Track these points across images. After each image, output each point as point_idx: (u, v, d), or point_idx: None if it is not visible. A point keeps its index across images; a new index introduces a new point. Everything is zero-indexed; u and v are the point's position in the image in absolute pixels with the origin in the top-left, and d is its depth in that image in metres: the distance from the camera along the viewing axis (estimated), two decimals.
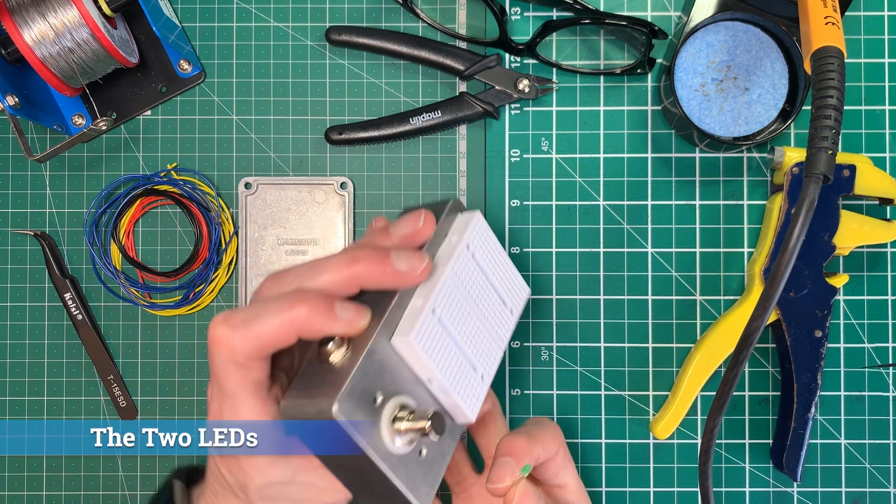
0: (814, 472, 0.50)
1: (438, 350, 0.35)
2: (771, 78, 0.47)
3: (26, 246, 0.51)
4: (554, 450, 0.42)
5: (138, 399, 0.51)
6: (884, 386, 0.50)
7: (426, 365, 0.35)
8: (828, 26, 0.39)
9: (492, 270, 0.40)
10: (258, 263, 0.51)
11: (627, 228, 0.51)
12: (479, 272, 0.39)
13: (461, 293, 0.37)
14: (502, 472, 0.40)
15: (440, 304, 0.36)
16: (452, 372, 0.36)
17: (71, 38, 0.44)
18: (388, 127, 0.50)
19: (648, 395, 0.51)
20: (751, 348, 0.38)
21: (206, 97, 0.51)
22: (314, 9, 0.51)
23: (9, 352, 0.51)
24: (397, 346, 0.34)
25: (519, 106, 0.51)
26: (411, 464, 0.34)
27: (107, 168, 0.51)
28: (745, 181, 0.50)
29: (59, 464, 0.51)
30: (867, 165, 0.47)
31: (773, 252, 0.48)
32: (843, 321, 0.50)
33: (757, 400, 0.51)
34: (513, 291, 0.41)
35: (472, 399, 0.37)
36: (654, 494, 0.50)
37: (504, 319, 0.40)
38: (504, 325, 0.40)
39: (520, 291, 0.42)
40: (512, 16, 0.51)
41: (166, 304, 0.51)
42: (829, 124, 0.37)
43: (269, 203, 0.51)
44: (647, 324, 0.51)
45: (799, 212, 0.37)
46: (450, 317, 0.36)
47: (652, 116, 0.51)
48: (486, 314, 0.39)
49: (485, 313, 0.39)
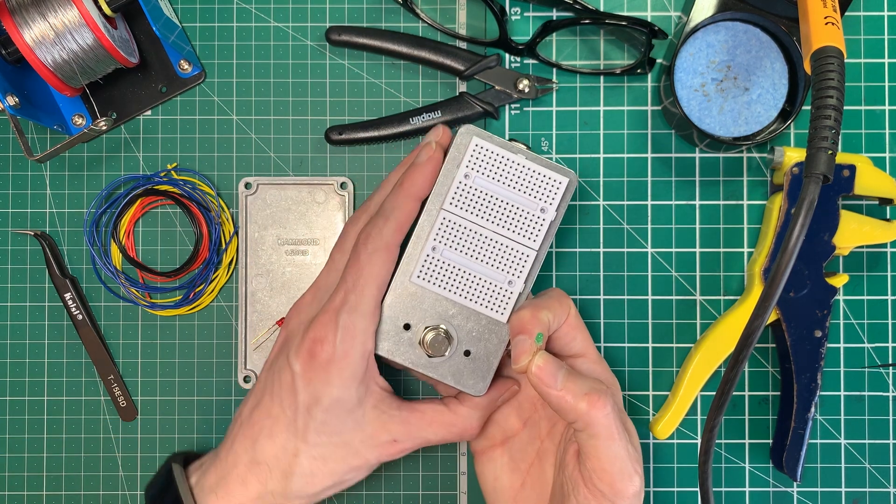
0: (814, 472, 0.50)
1: (448, 277, 0.42)
2: (771, 78, 0.47)
3: (26, 246, 0.51)
4: (563, 314, 0.42)
5: (138, 399, 0.51)
6: (884, 386, 0.50)
7: (437, 292, 0.42)
8: (828, 26, 0.39)
9: (503, 183, 0.42)
10: (258, 263, 0.51)
11: (627, 228, 0.51)
12: (485, 192, 0.42)
13: (468, 219, 0.42)
14: (518, 349, 0.40)
15: (442, 239, 0.42)
16: (472, 290, 0.42)
17: (71, 39, 0.44)
18: (388, 127, 0.50)
19: (648, 395, 0.51)
20: (751, 348, 0.38)
21: (206, 97, 0.51)
22: (314, 9, 0.51)
23: (9, 352, 0.51)
24: (411, 283, 0.42)
25: (519, 106, 0.51)
26: (457, 363, 0.43)
27: (107, 168, 0.51)
28: (745, 181, 0.50)
29: (59, 464, 0.51)
30: (867, 165, 0.47)
31: (773, 252, 0.48)
32: (843, 321, 0.50)
33: (757, 400, 0.51)
34: (539, 190, 0.42)
35: (500, 306, 0.43)
36: (654, 494, 0.50)
37: (531, 223, 0.42)
38: (532, 229, 0.42)
39: (551, 186, 0.42)
40: (512, 16, 0.51)
41: (166, 304, 0.51)
42: (829, 124, 0.37)
43: (269, 203, 0.51)
44: (647, 324, 0.51)
45: (799, 212, 0.37)
46: (456, 246, 0.42)
47: (652, 116, 0.51)
48: (506, 227, 0.42)
49: (503, 226, 0.42)
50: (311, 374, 0.41)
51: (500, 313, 0.43)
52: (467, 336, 0.43)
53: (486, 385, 0.43)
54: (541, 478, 0.44)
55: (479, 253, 0.42)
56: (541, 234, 0.42)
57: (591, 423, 0.39)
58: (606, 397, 0.39)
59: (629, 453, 0.40)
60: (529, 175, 0.42)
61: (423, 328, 0.43)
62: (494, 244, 0.42)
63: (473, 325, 0.43)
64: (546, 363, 0.40)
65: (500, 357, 0.43)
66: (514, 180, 0.42)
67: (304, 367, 0.41)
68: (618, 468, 0.39)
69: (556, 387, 0.39)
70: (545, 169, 0.42)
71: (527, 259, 0.43)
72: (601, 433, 0.39)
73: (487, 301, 0.43)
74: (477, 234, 0.42)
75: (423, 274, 0.42)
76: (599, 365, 0.43)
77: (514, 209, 0.42)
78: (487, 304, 0.43)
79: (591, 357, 0.43)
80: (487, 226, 0.42)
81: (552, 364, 0.40)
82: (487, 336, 0.43)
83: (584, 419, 0.39)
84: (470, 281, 0.42)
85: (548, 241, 0.43)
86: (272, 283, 0.50)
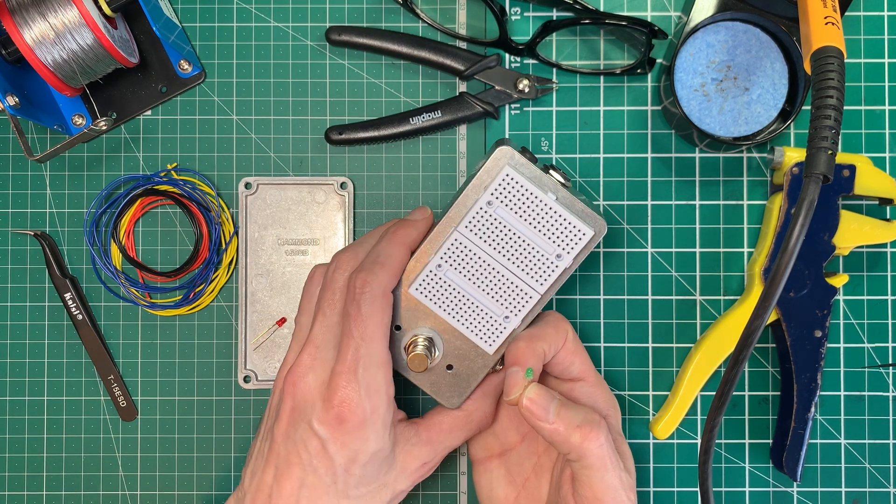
0: (814, 472, 0.50)
1: (446, 297, 0.42)
2: (771, 78, 0.47)
3: (26, 246, 0.51)
4: (559, 341, 0.42)
5: (138, 399, 0.51)
6: (884, 386, 0.50)
7: (431, 309, 0.42)
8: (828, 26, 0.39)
9: (524, 220, 0.41)
10: (258, 263, 0.51)
11: (627, 228, 0.51)
12: (504, 224, 0.41)
13: (480, 246, 0.41)
14: (510, 381, 0.40)
15: (448, 259, 0.42)
16: (466, 316, 0.42)
17: (71, 39, 0.44)
18: (388, 127, 0.50)
19: (648, 395, 0.51)
20: (751, 348, 0.38)
21: (206, 97, 0.51)
22: (314, 9, 0.51)
23: (9, 352, 0.51)
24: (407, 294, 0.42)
25: (519, 106, 0.51)
26: (437, 375, 0.43)
27: (107, 168, 0.51)
28: (745, 181, 0.50)
29: (59, 464, 0.51)
30: (867, 165, 0.47)
31: (773, 252, 0.48)
32: (843, 321, 0.50)
33: (757, 400, 0.51)
34: (560, 236, 0.41)
35: (491, 338, 0.42)
36: (654, 494, 0.50)
37: (543, 267, 0.41)
38: (542, 273, 0.41)
39: (574, 235, 0.41)
40: (512, 16, 0.51)
41: (166, 304, 0.51)
42: (829, 124, 0.37)
43: (269, 203, 0.51)
44: (647, 324, 0.51)
45: (799, 212, 0.37)
46: (460, 269, 0.42)
47: (652, 116, 0.51)
48: (516, 264, 0.41)
49: (514, 263, 0.41)
50: (343, 438, 0.39)
51: (488, 344, 0.43)
52: (454, 352, 0.43)
53: (461, 401, 0.43)
54: (535, 492, 0.44)
55: (482, 282, 0.42)
56: (550, 279, 0.42)
57: (584, 454, 0.39)
58: (599, 429, 0.39)
59: (622, 482, 0.40)
60: (554, 219, 0.41)
61: (412, 335, 0.43)
62: (500, 277, 0.42)
63: (461, 344, 0.43)
64: (537, 396, 0.40)
65: (480, 380, 0.43)
66: (537, 220, 0.41)
67: (335, 432, 0.39)
68: (611, 497, 0.40)
69: (549, 420, 0.39)
70: (572, 217, 0.40)
71: (529, 299, 0.42)
72: (595, 464, 0.39)
73: (479, 330, 0.42)
74: (485, 263, 0.42)
75: (422, 288, 0.42)
76: (598, 388, 0.43)
77: (529, 248, 0.41)
78: (478, 334, 0.42)
79: (589, 381, 0.43)
80: (497, 258, 0.41)
81: (544, 397, 0.40)
82: (473, 357, 0.43)
83: (577, 451, 0.39)
84: (467, 306, 0.42)
85: (556, 286, 0.42)
86: (272, 283, 0.50)
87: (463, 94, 0.50)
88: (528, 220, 0.41)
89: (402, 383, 0.48)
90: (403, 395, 0.51)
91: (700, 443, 0.47)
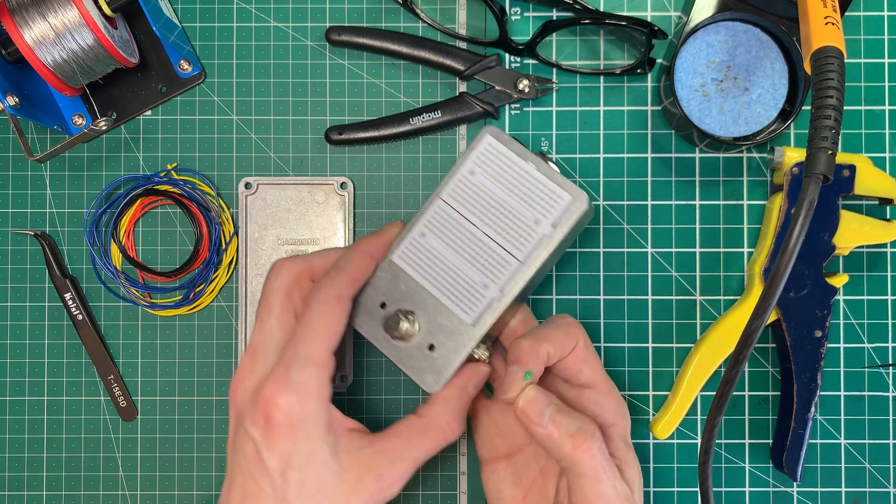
0: (814, 472, 0.50)
1: (428, 265, 0.42)
2: (771, 78, 0.47)
3: (26, 246, 0.51)
4: (569, 346, 0.41)
5: (138, 399, 0.51)
6: (884, 386, 0.50)
7: (414, 277, 0.42)
8: (828, 26, 0.39)
9: (504, 187, 0.42)
10: (258, 263, 0.51)
11: (627, 228, 0.51)
12: (485, 191, 0.42)
13: (461, 213, 0.42)
14: (509, 380, 0.40)
15: (431, 227, 0.42)
16: (446, 283, 0.42)
17: (71, 38, 0.44)
18: (388, 127, 0.50)
19: (648, 395, 0.51)
20: (751, 348, 0.38)
21: (206, 97, 0.51)
22: (314, 9, 0.51)
23: (9, 352, 0.51)
24: (393, 264, 0.43)
25: (519, 106, 0.51)
26: (416, 355, 0.42)
27: (107, 168, 0.51)
28: (745, 181, 0.50)
29: (59, 464, 0.51)
30: (867, 165, 0.47)
31: (773, 252, 0.48)
32: (843, 321, 0.50)
33: (757, 400, 0.51)
34: (538, 201, 0.41)
35: (468, 306, 0.42)
36: (654, 494, 0.50)
37: (521, 233, 0.42)
38: (521, 239, 0.42)
39: (554, 201, 0.41)
40: (512, 16, 0.51)
41: (166, 304, 0.51)
42: (829, 124, 0.37)
43: (269, 203, 0.51)
44: (647, 324, 0.51)
45: (799, 212, 0.37)
46: (442, 236, 0.42)
47: (652, 116, 0.51)
48: (496, 230, 0.42)
49: (493, 229, 0.42)
50: (272, 438, 0.38)
51: (465, 313, 0.42)
52: (437, 329, 0.42)
53: (440, 383, 0.42)
54: (542, 494, 0.44)
55: (463, 249, 0.42)
56: (528, 246, 0.41)
57: (575, 463, 0.39)
58: (592, 439, 0.39)
59: (617, 492, 0.39)
60: (533, 185, 0.41)
61: (396, 310, 0.42)
62: (480, 244, 0.42)
63: (445, 320, 0.42)
64: (535, 399, 0.39)
65: (460, 360, 0.42)
66: (517, 186, 0.42)
67: (264, 433, 0.38)
68: None
69: (543, 424, 0.39)
70: (550, 182, 0.41)
71: (508, 267, 0.42)
72: (586, 473, 0.39)
73: (457, 298, 0.42)
74: (466, 230, 0.42)
75: (405, 256, 0.43)
76: (607, 397, 0.43)
77: (509, 215, 0.42)
78: (456, 301, 0.42)
79: (599, 389, 0.43)
80: (478, 224, 0.42)
81: (541, 400, 0.39)
82: (455, 336, 0.42)
83: (569, 459, 0.39)
84: (447, 274, 0.42)
85: (539, 257, 0.41)
86: None
87: (463, 94, 0.50)
88: (507, 187, 0.42)
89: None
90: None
91: (700, 443, 0.47)
